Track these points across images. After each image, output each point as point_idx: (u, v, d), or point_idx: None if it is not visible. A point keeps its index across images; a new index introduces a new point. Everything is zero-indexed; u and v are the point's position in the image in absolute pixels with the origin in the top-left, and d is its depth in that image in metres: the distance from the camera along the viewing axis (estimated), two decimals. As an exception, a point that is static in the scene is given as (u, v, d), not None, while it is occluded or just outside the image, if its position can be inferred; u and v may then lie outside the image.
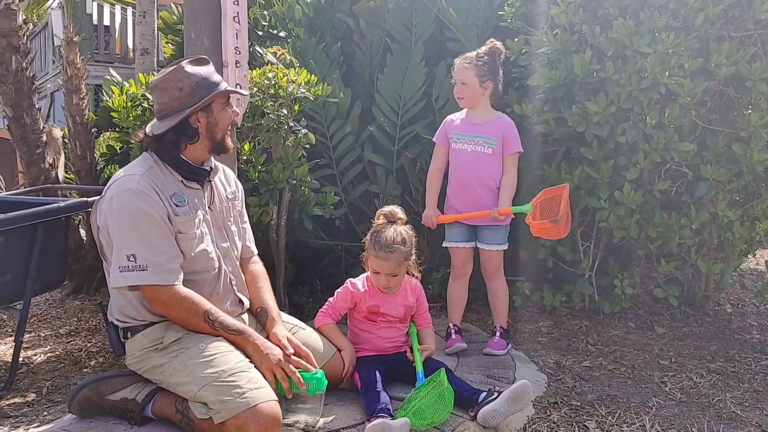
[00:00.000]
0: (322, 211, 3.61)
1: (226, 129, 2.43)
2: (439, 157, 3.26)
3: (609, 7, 3.36)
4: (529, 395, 2.40)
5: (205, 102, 2.30)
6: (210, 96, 2.31)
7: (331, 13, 4.45)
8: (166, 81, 2.32)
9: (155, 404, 2.33)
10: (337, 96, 3.85)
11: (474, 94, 3.15)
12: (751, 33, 3.26)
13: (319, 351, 2.54)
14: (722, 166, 3.34)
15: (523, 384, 2.38)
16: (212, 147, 2.40)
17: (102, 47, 11.91)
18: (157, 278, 2.17)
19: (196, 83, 2.31)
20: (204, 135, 2.36)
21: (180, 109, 2.29)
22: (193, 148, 2.36)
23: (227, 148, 2.46)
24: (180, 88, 2.30)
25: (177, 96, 2.30)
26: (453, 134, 3.19)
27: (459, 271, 3.28)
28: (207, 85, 2.34)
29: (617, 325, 3.69)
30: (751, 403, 2.71)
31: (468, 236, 3.23)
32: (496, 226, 3.19)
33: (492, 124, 3.18)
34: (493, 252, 3.21)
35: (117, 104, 3.42)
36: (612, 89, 3.31)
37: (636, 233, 3.46)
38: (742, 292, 4.40)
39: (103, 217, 2.24)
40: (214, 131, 2.38)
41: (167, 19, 5.22)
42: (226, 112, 2.41)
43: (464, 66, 3.13)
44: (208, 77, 2.36)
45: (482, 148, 3.15)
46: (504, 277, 3.29)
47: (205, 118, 2.34)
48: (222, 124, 2.40)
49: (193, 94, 2.30)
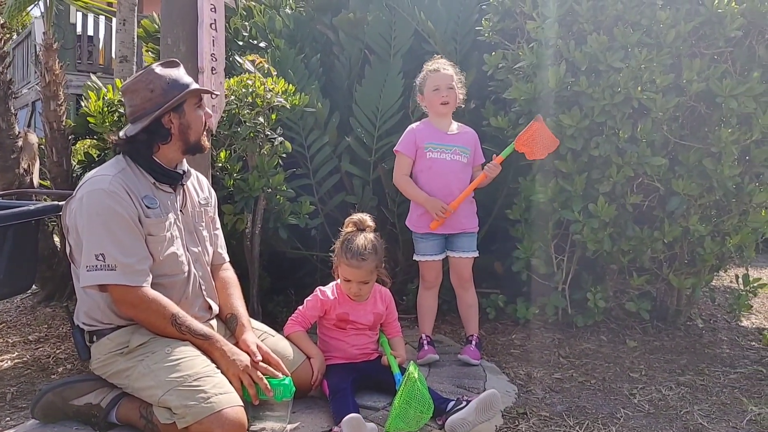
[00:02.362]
0: (298, 220, 3.61)
1: (201, 130, 2.43)
2: (406, 165, 3.22)
3: (584, 23, 3.41)
4: (498, 405, 2.41)
5: (177, 101, 2.31)
6: (181, 95, 2.31)
7: (311, 25, 4.47)
8: (136, 83, 2.32)
9: (120, 409, 2.31)
10: (315, 106, 3.87)
11: (456, 100, 3.20)
12: (722, 50, 3.32)
13: (289, 358, 2.53)
14: (693, 181, 3.38)
15: (492, 393, 2.38)
16: (186, 148, 2.40)
17: (85, 57, 11.84)
18: (125, 279, 2.16)
19: (167, 84, 2.32)
20: (177, 136, 2.36)
21: (152, 110, 2.30)
22: (166, 149, 2.36)
23: (203, 148, 2.47)
24: (151, 90, 2.30)
25: (149, 97, 2.30)
26: (426, 143, 3.18)
27: (430, 283, 3.29)
28: (178, 85, 2.35)
29: (590, 338, 3.70)
30: (718, 416, 2.73)
31: (441, 249, 3.24)
32: (471, 233, 3.22)
33: (463, 134, 3.24)
34: (469, 259, 3.23)
35: (93, 109, 3.40)
36: (586, 103, 3.36)
37: (609, 246, 3.49)
38: (714, 307, 4.44)
39: (73, 217, 2.23)
40: (187, 132, 2.38)
41: (148, 28, 5.21)
42: (199, 113, 2.42)
43: (451, 73, 3.17)
44: (179, 78, 2.37)
45: (459, 157, 3.18)
46: (474, 287, 3.32)
47: (178, 118, 2.35)
48: (195, 125, 2.40)
49: (165, 94, 2.31)
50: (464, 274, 3.25)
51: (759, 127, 3.27)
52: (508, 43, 3.82)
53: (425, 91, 3.21)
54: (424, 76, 3.22)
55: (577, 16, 3.42)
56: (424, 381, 2.45)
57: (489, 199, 3.95)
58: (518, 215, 3.76)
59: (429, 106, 3.24)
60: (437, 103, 3.18)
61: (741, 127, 3.32)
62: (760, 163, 3.46)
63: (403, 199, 3.92)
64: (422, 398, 2.35)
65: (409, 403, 2.32)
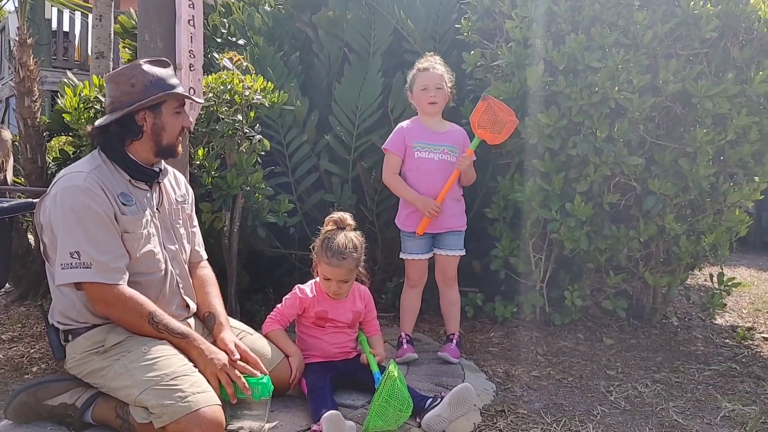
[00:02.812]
0: (276, 218, 3.59)
1: (176, 136, 2.38)
2: (395, 164, 3.23)
3: (562, 23, 3.43)
4: (472, 399, 2.40)
5: (153, 101, 2.27)
6: (158, 96, 2.27)
7: (290, 23, 4.45)
8: (119, 75, 2.29)
9: (95, 409, 2.29)
10: (294, 104, 3.85)
11: (446, 99, 3.21)
12: (697, 51, 3.36)
13: (267, 356, 2.52)
14: (669, 180, 3.42)
15: (464, 387, 2.38)
16: (157, 150, 2.35)
17: (60, 53, 11.70)
18: (101, 276, 2.13)
19: (150, 82, 2.28)
20: (149, 135, 2.32)
21: (128, 103, 2.26)
22: (139, 146, 2.32)
23: (175, 154, 2.42)
24: (132, 84, 2.27)
25: (128, 91, 2.26)
26: (415, 143, 3.18)
27: (415, 282, 3.29)
28: (161, 85, 2.30)
29: (567, 336, 3.73)
30: (693, 412, 2.76)
31: (427, 247, 3.24)
32: (458, 232, 3.22)
33: (452, 133, 3.24)
34: (455, 258, 3.24)
35: (69, 106, 3.36)
36: (564, 103, 3.38)
37: (586, 245, 3.52)
38: (689, 305, 4.49)
39: (47, 214, 2.20)
40: (160, 134, 2.33)
41: (125, 24, 5.15)
42: (177, 119, 2.37)
43: (441, 72, 3.17)
44: (165, 78, 2.33)
45: (448, 157, 3.18)
46: (457, 285, 3.33)
47: (152, 118, 2.31)
48: (170, 129, 2.35)
49: (145, 92, 2.27)
50: (449, 272, 3.26)
51: (733, 128, 3.31)
52: (486, 43, 3.83)
53: (414, 89, 3.21)
54: (414, 75, 3.22)
55: (555, 16, 3.45)
56: (403, 380, 2.45)
57: (467, 198, 3.93)
58: (496, 214, 3.78)
59: (417, 104, 3.24)
60: (425, 102, 3.18)
61: (716, 127, 3.36)
62: (734, 164, 3.51)
63: (383, 197, 3.94)
64: (401, 397, 2.36)
65: (388, 402, 2.32)
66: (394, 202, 3.91)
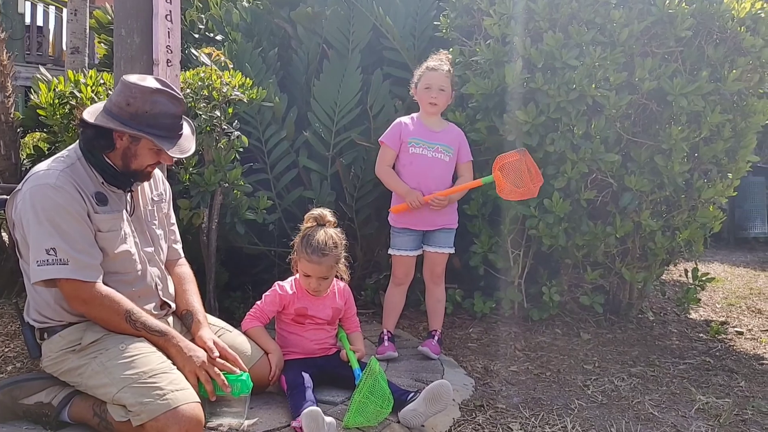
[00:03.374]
0: (255, 215, 3.58)
1: (143, 167, 2.30)
2: (389, 157, 3.24)
3: (539, 20, 3.45)
4: (448, 395, 2.40)
5: (133, 133, 2.19)
6: (142, 135, 2.18)
7: (269, 19, 4.43)
8: (128, 86, 2.20)
9: (72, 408, 2.26)
10: (272, 100, 3.83)
11: (447, 101, 3.23)
12: (673, 50, 3.40)
13: (246, 354, 2.51)
14: (645, 177, 3.46)
15: (440, 383, 2.39)
16: (123, 168, 2.28)
17: (34, 48, 11.50)
18: (78, 273, 2.10)
19: (145, 113, 2.18)
20: (119, 153, 2.25)
21: (114, 117, 2.19)
22: (112, 156, 2.27)
23: (142, 179, 2.35)
24: (128, 103, 2.18)
25: (122, 106, 2.19)
26: (410, 139, 3.20)
27: (400, 280, 3.30)
28: (157, 125, 2.20)
29: (545, 331, 3.76)
30: (668, 405, 2.81)
31: (417, 244, 3.25)
32: (449, 230, 3.24)
33: (448, 132, 3.26)
34: (444, 255, 3.25)
35: (44, 101, 3.31)
36: (541, 100, 3.41)
37: (564, 241, 3.55)
38: (664, 300, 4.56)
39: (18, 212, 2.16)
40: (129, 159, 2.26)
41: (101, 19, 5.11)
42: (152, 156, 2.28)
43: (446, 74, 3.18)
44: (159, 115, 2.20)
45: (441, 155, 3.19)
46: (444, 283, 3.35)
47: (128, 142, 2.23)
48: (140, 160, 2.27)
49: (134, 118, 2.18)
50: (437, 270, 3.28)
51: (707, 125, 3.37)
52: (465, 40, 3.85)
53: (419, 86, 3.23)
54: (422, 72, 3.23)
55: (533, 14, 3.47)
56: (384, 376, 2.45)
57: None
58: (475, 211, 3.80)
59: (419, 101, 3.26)
60: (426, 102, 3.21)
61: (690, 124, 3.41)
62: (708, 160, 3.57)
63: (362, 194, 3.94)
64: (382, 393, 2.36)
65: (369, 398, 2.32)
66: (373, 199, 3.92)
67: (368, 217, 4.03)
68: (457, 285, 4.05)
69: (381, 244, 4.00)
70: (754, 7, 3.36)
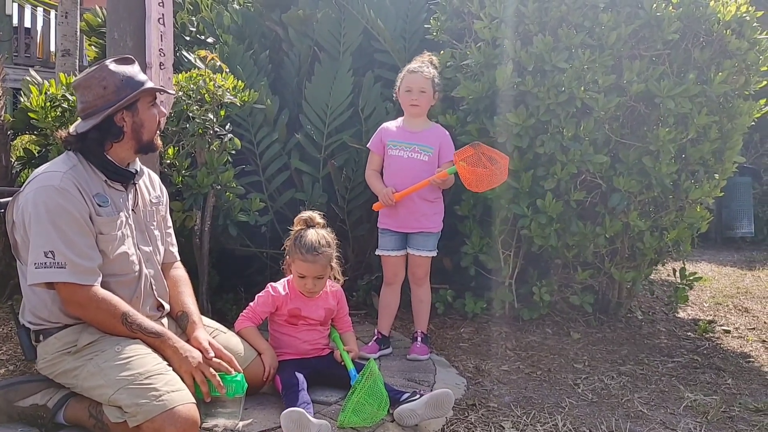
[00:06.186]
0: (247, 217, 3.60)
1: (154, 129, 2.40)
2: (375, 162, 3.31)
3: (529, 24, 3.49)
4: (449, 404, 2.46)
5: (130, 100, 2.26)
6: (135, 94, 2.27)
7: (260, 21, 4.44)
8: (89, 79, 2.27)
9: (67, 410, 2.28)
10: (264, 103, 3.85)
11: (429, 103, 3.26)
12: (660, 52, 3.45)
13: (240, 354, 2.53)
14: (633, 178, 3.50)
15: (445, 392, 2.43)
16: (138, 147, 2.37)
17: (22, 50, 11.44)
18: (75, 277, 2.12)
19: (121, 81, 2.27)
20: (129, 134, 2.32)
21: (104, 107, 2.25)
22: (118, 147, 2.32)
23: (155, 147, 2.45)
24: (104, 86, 2.25)
25: (101, 94, 2.25)
26: (389, 141, 3.25)
27: (390, 279, 3.34)
28: (132, 83, 2.30)
29: (535, 330, 3.80)
30: (657, 403, 2.85)
31: (400, 245, 3.28)
32: (428, 233, 3.26)
33: (429, 132, 3.28)
34: (423, 258, 3.27)
35: (35, 104, 3.32)
36: (532, 102, 3.44)
37: (555, 241, 3.59)
38: (653, 299, 4.61)
39: (20, 213, 2.18)
40: (140, 131, 2.34)
41: (91, 22, 5.11)
42: (152, 112, 2.38)
43: (426, 76, 3.21)
44: (133, 76, 2.32)
45: (418, 155, 3.22)
46: (429, 284, 3.37)
47: (131, 117, 2.30)
48: (148, 124, 2.36)
49: (118, 92, 2.26)
50: (417, 272, 3.30)
51: (694, 127, 3.42)
52: (456, 42, 3.88)
53: (400, 89, 3.27)
54: (403, 76, 3.27)
55: (523, 17, 3.51)
56: (381, 379, 2.47)
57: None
58: (466, 211, 3.83)
59: (402, 104, 3.31)
60: (407, 104, 3.25)
61: (678, 126, 3.46)
62: (695, 161, 3.62)
63: (353, 196, 3.97)
64: (380, 395, 2.38)
65: (366, 399, 2.34)
66: (364, 201, 3.95)
67: (360, 219, 4.06)
68: (449, 285, 4.08)
69: (372, 246, 4.01)
70: (740, 11, 3.42)
